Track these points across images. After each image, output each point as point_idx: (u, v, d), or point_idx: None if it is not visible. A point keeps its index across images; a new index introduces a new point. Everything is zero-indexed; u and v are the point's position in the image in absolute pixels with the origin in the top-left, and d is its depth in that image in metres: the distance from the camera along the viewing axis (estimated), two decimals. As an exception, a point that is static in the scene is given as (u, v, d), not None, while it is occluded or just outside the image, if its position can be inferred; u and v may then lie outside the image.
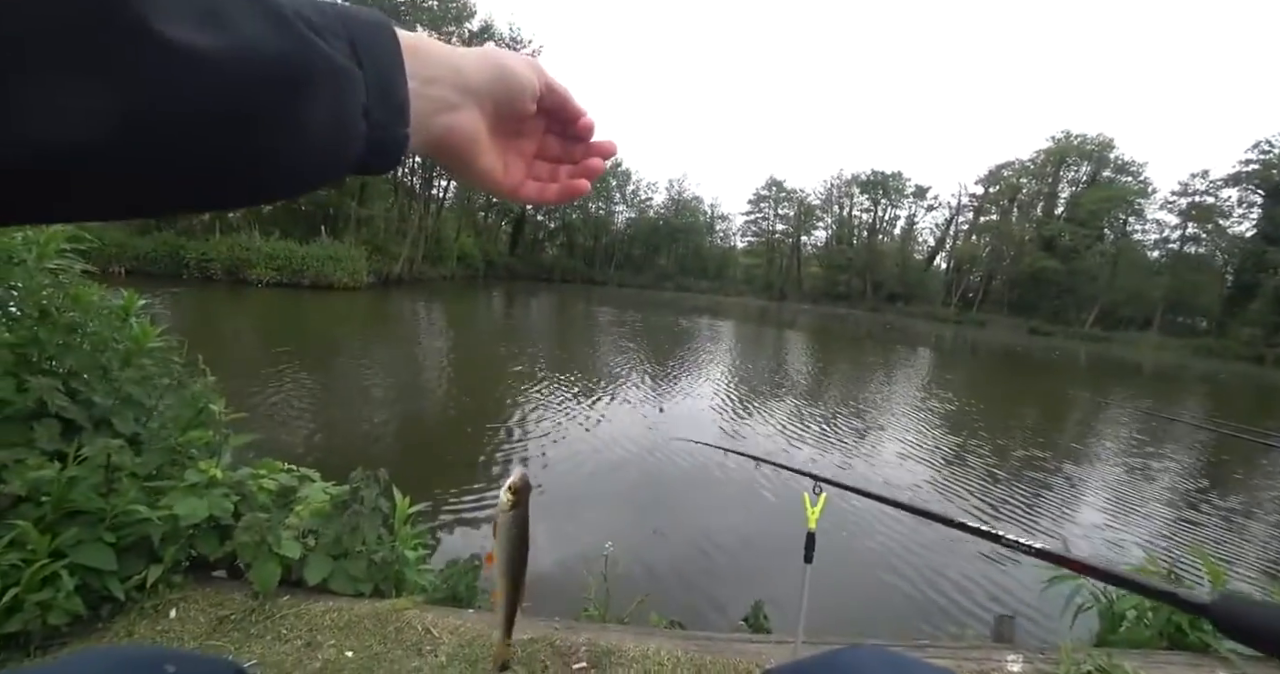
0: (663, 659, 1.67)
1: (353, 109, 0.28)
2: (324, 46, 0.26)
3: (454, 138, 0.35)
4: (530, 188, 0.41)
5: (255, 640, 1.60)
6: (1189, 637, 1.98)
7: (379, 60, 0.29)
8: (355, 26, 0.29)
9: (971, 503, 5.10)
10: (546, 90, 0.38)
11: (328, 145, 0.28)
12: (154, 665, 0.36)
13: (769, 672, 0.50)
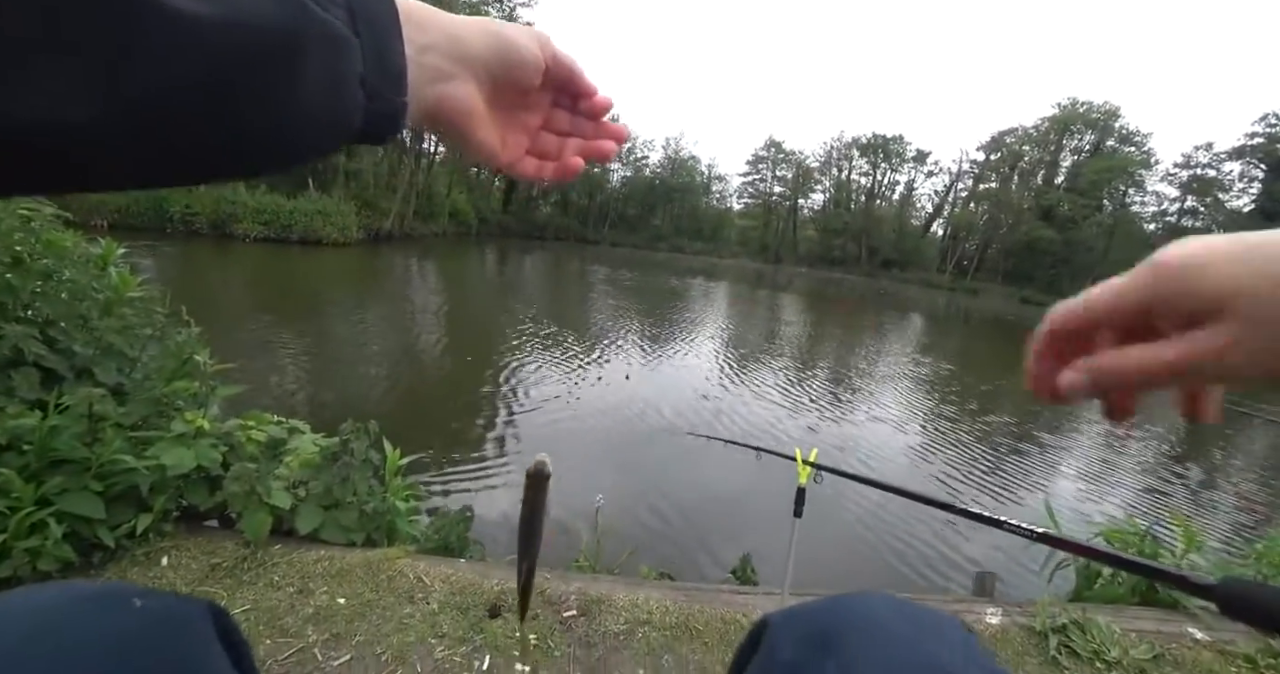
0: (651, 608, 1.70)
1: (350, 77, 0.28)
2: (320, 13, 0.25)
3: (448, 108, 0.34)
4: (529, 164, 0.40)
5: (248, 587, 1.62)
6: (1159, 594, 2.05)
7: (376, 27, 0.29)
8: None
9: (938, 468, 5.21)
10: (552, 63, 0.37)
11: (324, 115, 0.27)
12: (121, 599, 0.34)
13: (771, 616, 0.48)
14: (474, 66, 0.34)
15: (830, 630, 0.42)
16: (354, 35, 0.27)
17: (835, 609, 0.45)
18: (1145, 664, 1.67)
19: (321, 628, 1.49)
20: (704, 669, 1.49)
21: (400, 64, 0.30)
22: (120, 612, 0.33)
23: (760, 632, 0.48)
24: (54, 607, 0.32)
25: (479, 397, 5.54)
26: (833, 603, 0.46)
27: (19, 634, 0.30)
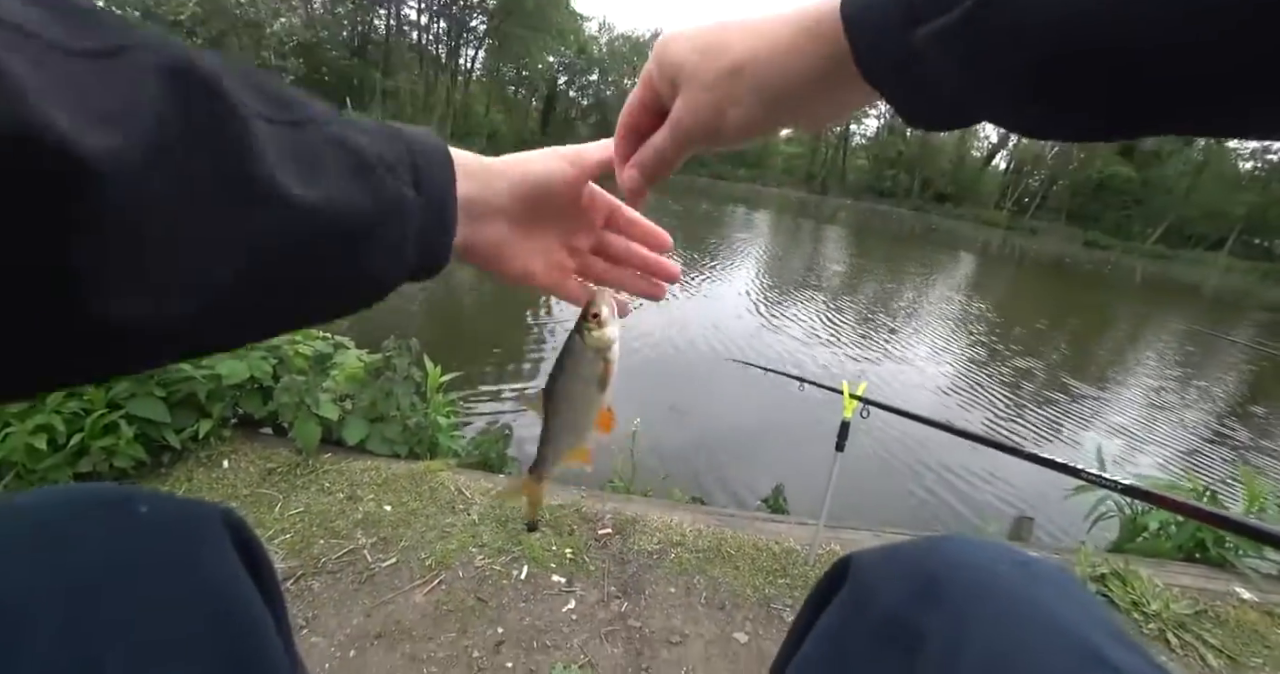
0: (685, 530, 1.73)
1: (410, 238, 0.30)
2: (393, 185, 0.28)
3: (479, 246, 0.36)
4: (571, 287, 0.42)
5: (300, 491, 1.70)
6: (1210, 552, 1.99)
7: (435, 184, 0.31)
8: (419, 153, 0.31)
9: (987, 417, 5.09)
10: (588, 187, 0.40)
11: (382, 272, 0.30)
12: (126, 503, 0.31)
13: (857, 556, 0.44)
14: (504, 207, 0.36)
15: (934, 577, 0.37)
16: (416, 193, 0.30)
17: (937, 552, 0.40)
18: (1186, 619, 1.64)
19: (370, 532, 1.56)
20: (734, 592, 1.53)
21: (452, 219, 0.32)
22: (124, 517, 0.31)
23: (843, 571, 0.44)
24: (54, 511, 0.29)
25: (517, 322, 5.60)
26: (931, 544, 0.41)
27: (14, 538, 0.27)
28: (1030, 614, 0.33)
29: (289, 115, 0.25)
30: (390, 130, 0.31)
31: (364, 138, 0.28)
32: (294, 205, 0.23)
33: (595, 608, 1.42)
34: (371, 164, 0.27)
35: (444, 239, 0.33)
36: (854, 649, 0.38)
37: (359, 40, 23.88)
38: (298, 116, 0.25)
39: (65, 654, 0.25)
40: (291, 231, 0.23)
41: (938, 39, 0.22)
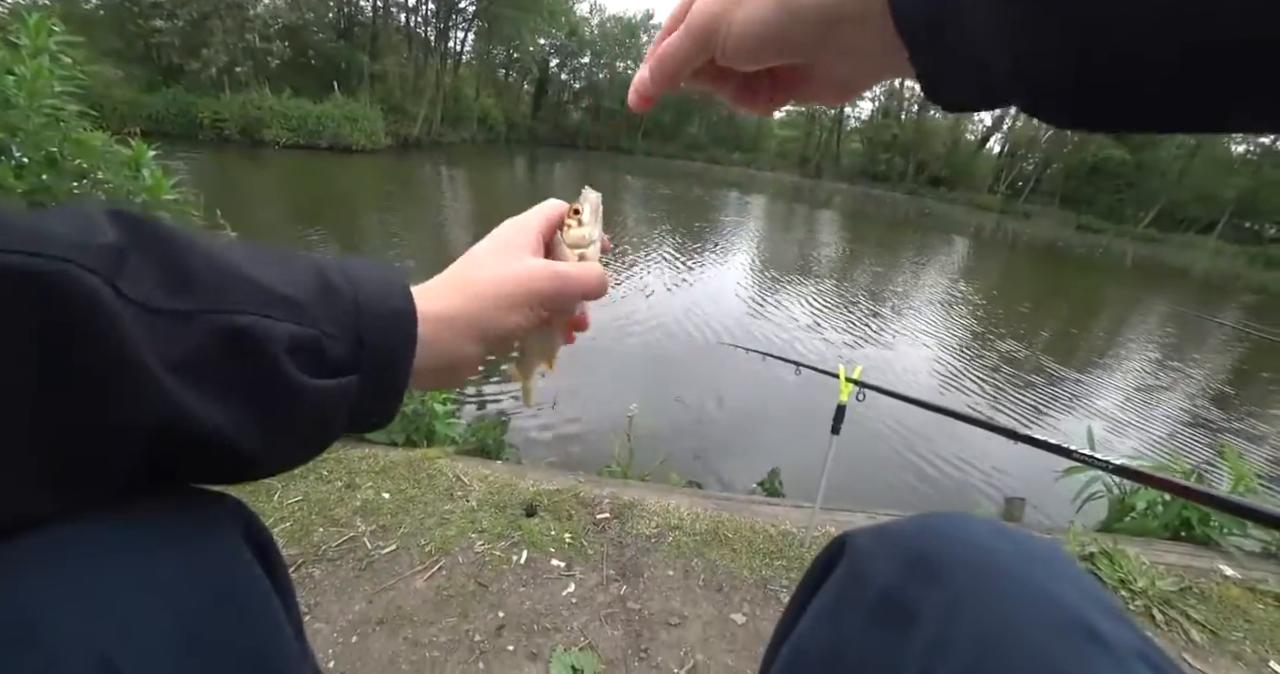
0: (682, 514, 1.75)
1: (337, 416, 0.30)
2: (299, 383, 0.27)
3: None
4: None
5: (299, 479, 1.71)
6: (1195, 530, 2.03)
7: (383, 356, 0.31)
8: (369, 323, 0.30)
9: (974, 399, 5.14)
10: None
11: (300, 455, 0.30)
12: (134, 500, 0.31)
13: (852, 535, 0.44)
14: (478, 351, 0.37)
15: (930, 555, 0.38)
16: (353, 370, 0.29)
17: (931, 529, 0.40)
18: (1171, 595, 1.68)
19: (369, 519, 1.57)
20: (732, 574, 1.55)
21: (401, 383, 0.32)
22: (130, 512, 0.30)
23: (838, 550, 0.44)
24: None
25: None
26: (926, 522, 0.41)
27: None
28: (1023, 590, 0.34)
29: (179, 302, 0.24)
30: (338, 288, 0.30)
31: (282, 322, 0.27)
32: (170, 402, 0.23)
33: (594, 591, 1.44)
34: (274, 372, 0.26)
35: (385, 408, 0.32)
36: (849, 627, 0.39)
37: (345, 22, 23.35)
38: (189, 304, 0.24)
39: (74, 652, 0.25)
40: (179, 431, 0.24)
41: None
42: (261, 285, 0.27)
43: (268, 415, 0.27)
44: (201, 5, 17.00)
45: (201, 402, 0.24)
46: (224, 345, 0.25)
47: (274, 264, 0.29)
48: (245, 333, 0.25)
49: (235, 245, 0.28)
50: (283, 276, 0.28)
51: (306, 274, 0.29)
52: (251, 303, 0.26)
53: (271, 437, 0.27)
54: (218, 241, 0.27)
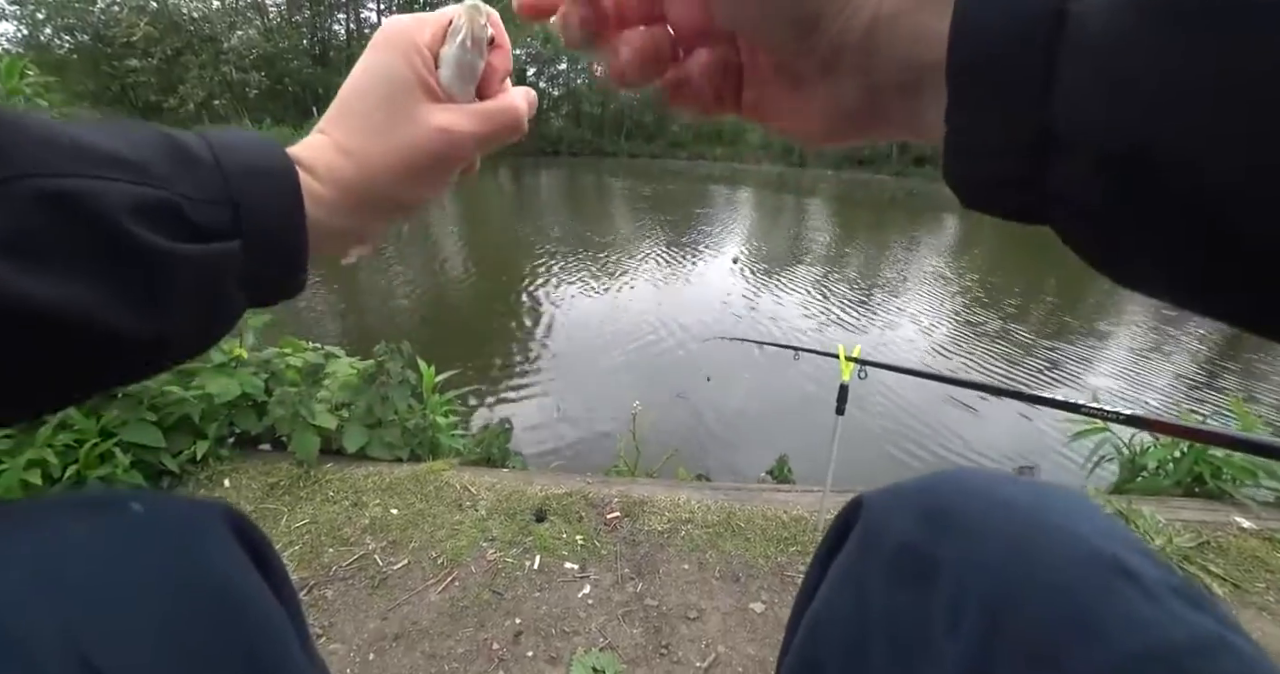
0: (692, 508, 1.74)
1: (224, 284, 0.28)
2: (167, 247, 0.25)
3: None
4: None
5: (305, 502, 1.70)
6: (1208, 485, 2.02)
7: (266, 218, 0.28)
8: (240, 185, 0.27)
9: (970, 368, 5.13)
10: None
11: (194, 330, 0.28)
12: (117, 505, 0.30)
13: (867, 495, 0.43)
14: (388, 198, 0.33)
15: (942, 504, 0.37)
16: (235, 236, 0.27)
17: (945, 483, 0.39)
18: (1190, 552, 1.67)
19: (379, 536, 1.56)
20: (747, 563, 1.54)
21: (297, 244, 0.30)
22: (118, 517, 0.29)
23: (854, 511, 0.43)
24: (43, 518, 0.28)
25: (507, 315, 5.57)
26: (939, 478, 0.40)
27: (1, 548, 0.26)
28: (1042, 531, 0.33)
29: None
30: (193, 151, 0.27)
31: (120, 182, 0.24)
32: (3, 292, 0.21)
33: (610, 591, 1.43)
34: (117, 237, 0.23)
35: (288, 275, 0.30)
36: (870, 586, 0.38)
37: (320, 47, 23.42)
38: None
39: (53, 656, 0.24)
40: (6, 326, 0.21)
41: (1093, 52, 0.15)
42: (89, 147, 0.24)
43: (126, 286, 0.24)
44: (175, 42, 17.04)
45: (33, 277, 0.21)
46: (47, 213, 0.22)
47: (108, 129, 0.25)
48: (69, 195, 0.22)
49: (57, 119, 0.25)
50: (120, 140, 0.25)
51: (150, 138, 0.26)
52: (76, 164, 0.23)
53: (142, 310, 0.25)
54: (31, 112, 0.24)
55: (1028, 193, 0.18)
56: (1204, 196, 0.14)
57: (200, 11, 17.73)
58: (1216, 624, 0.28)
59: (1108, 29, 0.15)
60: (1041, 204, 0.18)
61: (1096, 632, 0.28)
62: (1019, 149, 0.17)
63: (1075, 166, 0.16)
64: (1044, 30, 0.16)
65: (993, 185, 0.19)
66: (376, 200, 0.32)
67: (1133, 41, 0.14)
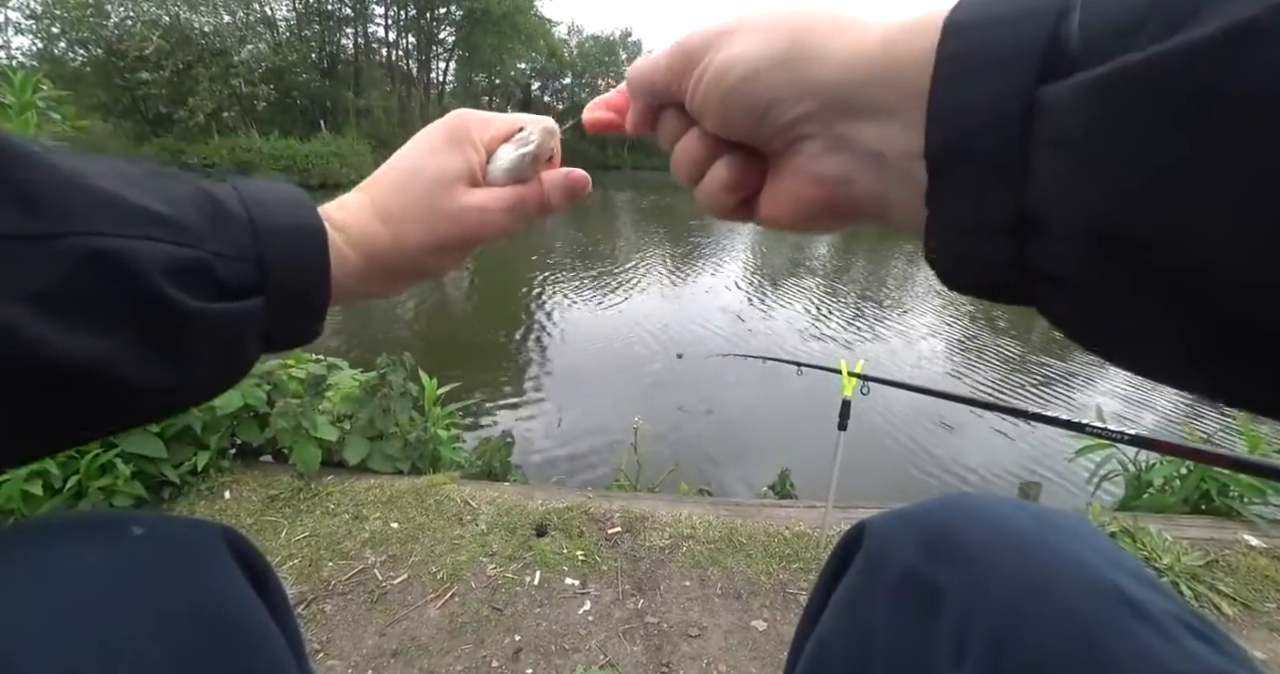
0: (694, 523, 1.73)
1: (244, 338, 0.29)
2: (208, 311, 0.26)
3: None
4: None
5: (305, 515, 1.69)
6: (1215, 502, 1.99)
7: (291, 275, 0.29)
8: (270, 242, 0.28)
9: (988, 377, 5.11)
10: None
11: (209, 380, 0.29)
12: (119, 525, 0.30)
13: (870, 521, 0.43)
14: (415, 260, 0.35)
15: (946, 531, 0.36)
16: (258, 291, 0.28)
17: (948, 508, 0.39)
18: (1198, 570, 1.64)
19: (379, 550, 1.55)
20: (750, 580, 1.53)
21: (320, 301, 0.30)
22: (119, 539, 0.29)
23: (857, 537, 0.43)
24: (43, 539, 0.28)
25: (509, 327, 5.58)
26: (943, 503, 0.40)
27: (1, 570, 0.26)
28: (1048, 559, 0.32)
29: (33, 227, 0.22)
30: (228, 207, 0.28)
31: (158, 243, 0.24)
32: (31, 343, 0.21)
33: (611, 607, 1.42)
34: (152, 296, 0.24)
35: (306, 328, 0.31)
36: (873, 613, 0.37)
37: (328, 61, 23.74)
38: (45, 228, 0.22)
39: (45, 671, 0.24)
40: (41, 377, 0.22)
41: (1085, 94, 0.15)
42: (130, 204, 0.24)
43: (156, 344, 0.25)
44: (186, 55, 17.29)
45: (69, 334, 0.22)
46: (91, 271, 0.23)
47: (146, 182, 0.26)
48: (112, 256, 0.23)
49: (100, 160, 0.26)
50: (158, 196, 0.26)
51: (188, 194, 0.27)
52: (119, 223, 0.24)
53: (170, 366, 0.26)
54: (77, 157, 0.25)
55: (1009, 273, 0.18)
56: (1179, 273, 0.14)
57: (211, 25, 18.02)
58: (1228, 661, 0.28)
59: (1077, 116, 0.15)
60: (1023, 284, 0.18)
61: (1106, 666, 0.27)
62: (999, 232, 0.18)
63: (1054, 248, 0.17)
64: (1017, 118, 0.16)
65: (975, 267, 0.19)
66: (402, 268, 0.34)
67: (1100, 128, 0.15)
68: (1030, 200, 0.17)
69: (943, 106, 0.18)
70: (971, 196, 0.18)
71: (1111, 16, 0.15)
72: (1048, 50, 0.16)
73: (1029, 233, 0.17)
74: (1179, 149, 0.13)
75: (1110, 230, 0.15)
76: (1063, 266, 0.17)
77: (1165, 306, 0.15)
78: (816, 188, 0.24)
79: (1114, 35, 0.15)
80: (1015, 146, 0.17)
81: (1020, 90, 0.16)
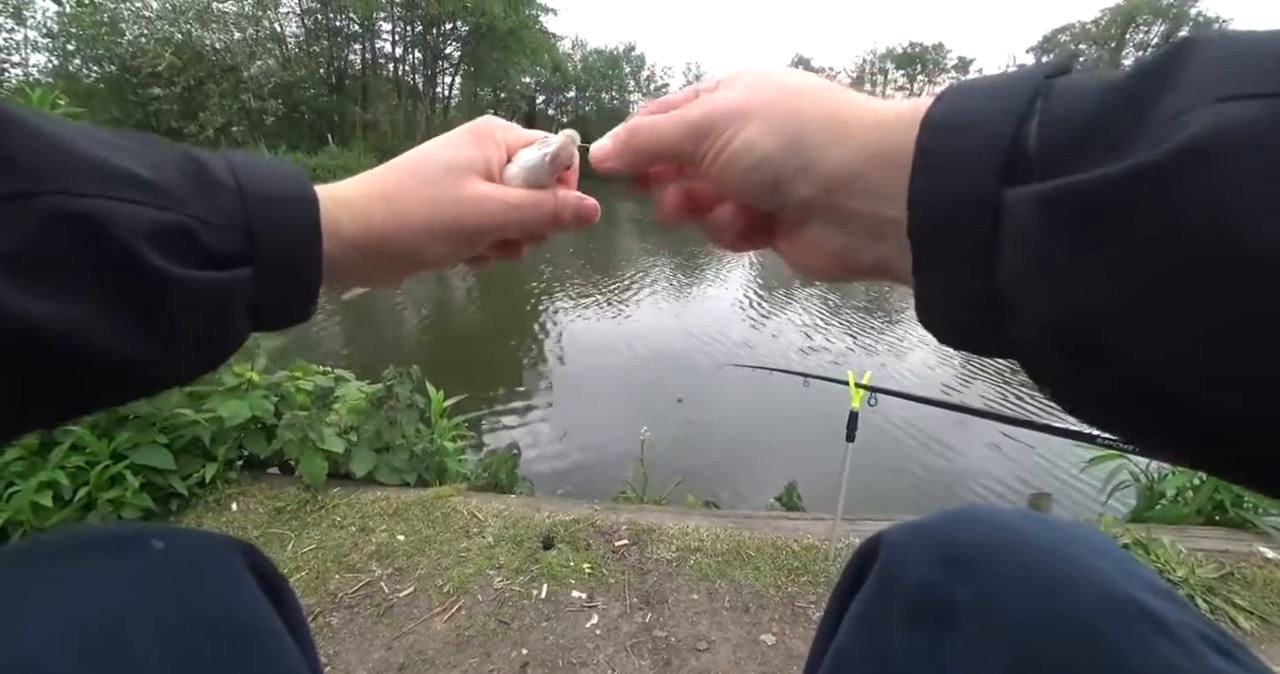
0: (702, 536, 1.72)
1: (231, 310, 0.27)
2: (192, 279, 0.25)
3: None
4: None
5: (312, 528, 1.69)
6: (1229, 513, 1.97)
7: (281, 247, 0.28)
8: (259, 212, 0.27)
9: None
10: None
11: (193, 354, 0.28)
12: (140, 540, 0.30)
13: (885, 533, 0.42)
14: (415, 246, 0.33)
15: (961, 544, 0.36)
16: (247, 261, 0.27)
17: (961, 521, 0.39)
18: (1213, 583, 1.62)
19: (385, 563, 1.55)
20: (758, 593, 1.51)
21: (309, 277, 0.29)
22: (138, 553, 0.30)
23: (872, 550, 0.43)
24: (67, 553, 0.29)
25: (515, 338, 5.59)
26: (957, 515, 0.40)
27: (27, 583, 0.27)
28: (1064, 573, 0.32)
29: (3, 186, 0.20)
30: (216, 174, 0.26)
31: (140, 206, 0.23)
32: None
33: (619, 621, 1.40)
34: (131, 262, 0.23)
35: (297, 305, 0.30)
36: (888, 630, 0.37)
37: (336, 76, 24.09)
38: (17, 187, 0.21)
39: None
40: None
41: (1038, 203, 0.17)
42: (112, 166, 0.23)
43: (135, 312, 0.24)
44: (198, 71, 17.58)
45: (42, 299, 0.21)
46: (64, 233, 0.21)
47: (133, 148, 0.25)
48: (88, 218, 0.22)
49: (87, 127, 0.25)
50: (143, 161, 0.24)
51: (174, 159, 0.26)
52: (98, 184, 0.22)
53: (153, 336, 0.24)
54: (62, 121, 0.24)
55: (989, 338, 0.21)
56: (1127, 359, 0.16)
57: (223, 42, 18.34)
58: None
59: (1033, 221, 0.17)
60: (1004, 349, 0.21)
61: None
62: (975, 306, 0.20)
63: (1022, 330, 0.19)
64: (987, 213, 0.19)
65: (958, 330, 0.22)
66: (396, 250, 0.33)
67: (1049, 236, 0.17)
68: (1001, 284, 0.19)
69: (920, 196, 0.21)
70: (950, 274, 0.21)
71: (1062, 133, 0.18)
72: (1011, 151, 0.18)
73: (1002, 311, 0.19)
74: (1106, 260, 0.16)
75: (1064, 325, 0.17)
76: (1030, 349, 0.19)
77: (1118, 385, 0.17)
78: (826, 256, 0.28)
79: (1063, 151, 0.17)
80: (986, 237, 0.19)
81: (989, 188, 0.19)
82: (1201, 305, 0.14)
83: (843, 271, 0.28)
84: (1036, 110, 0.18)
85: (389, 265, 0.34)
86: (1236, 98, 0.14)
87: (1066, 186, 0.16)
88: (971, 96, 0.21)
